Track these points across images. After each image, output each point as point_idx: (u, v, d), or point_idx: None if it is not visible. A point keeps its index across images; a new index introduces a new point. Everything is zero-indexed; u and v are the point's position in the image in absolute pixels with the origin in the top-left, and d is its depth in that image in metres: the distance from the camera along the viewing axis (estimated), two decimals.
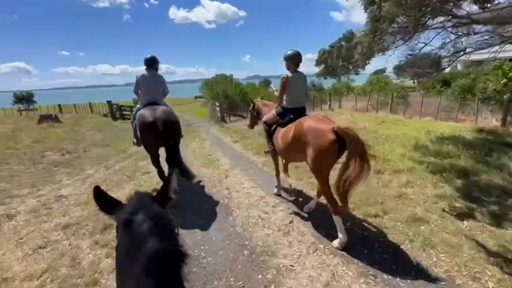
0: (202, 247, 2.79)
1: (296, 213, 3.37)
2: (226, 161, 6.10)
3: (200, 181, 4.75)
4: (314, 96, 14.47)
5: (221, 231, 3.08)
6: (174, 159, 3.80)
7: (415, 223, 2.90)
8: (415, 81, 13.76)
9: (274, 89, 3.88)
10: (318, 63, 36.92)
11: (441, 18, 5.47)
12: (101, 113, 16.54)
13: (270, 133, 3.42)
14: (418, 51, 6.27)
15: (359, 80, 32.73)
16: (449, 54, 5.94)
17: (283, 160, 3.88)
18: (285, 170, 3.94)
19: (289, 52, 3.18)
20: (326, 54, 34.47)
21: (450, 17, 5.25)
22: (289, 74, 3.17)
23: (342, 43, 33.87)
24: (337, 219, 2.56)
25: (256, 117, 4.25)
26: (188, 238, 2.95)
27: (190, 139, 8.37)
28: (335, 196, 2.51)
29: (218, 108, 11.59)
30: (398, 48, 6.32)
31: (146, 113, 3.52)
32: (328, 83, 41.82)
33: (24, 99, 29.59)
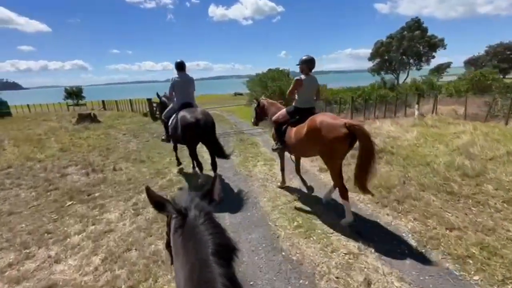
0: None
1: None
2: (334, 229, 3.12)
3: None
4: (386, 96, 11.26)
5: None
6: (216, 148, 4.28)
7: None
8: None
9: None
10: (372, 57, 32.50)
11: None
12: (141, 111, 15.33)
13: (280, 132, 3.65)
14: None
15: (418, 76, 27.87)
16: None
17: (292, 157, 3.97)
18: (297, 170, 4.07)
19: (304, 57, 3.45)
20: (384, 47, 29.94)
21: None
22: (303, 77, 3.44)
23: (405, 33, 29.09)
24: (345, 203, 3.00)
25: (261, 114, 4.40)
26: None
27: (251, 159, 6.02)
28: (356, 186, 2.85)
29: None
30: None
31: (188, 115, 4.01)
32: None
33: (74, 94, 30.60)
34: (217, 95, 37.48)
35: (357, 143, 2.75)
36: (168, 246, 1.07)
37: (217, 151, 4.29)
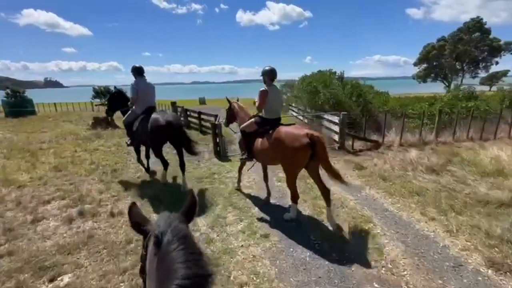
0: None
1: None
2: None
3: None
4: (473, 108, 8.33)
5: None
6: (188, 145, 4.47)
7: None
8: None
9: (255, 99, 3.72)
10: (420, 62, 28.87)
11: None
12: None
13: (248, 142, 3.68)
14: None
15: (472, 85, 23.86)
16: None
17: (261, 166, 4.05)
18: (265, 179, 4.05)
19: (266, 68, 3.52)
20: (437, 50, 26.26)
21: None
22: (268, 88, 3.49)
23: (461, 35, 25.29)
24: (293, 206, 3.37)
25: (231, 117, 4.36)
26: None
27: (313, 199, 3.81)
28: (322, 196, 3.20)
29: (336, 127, 6.92)
30: None
31: (160, 117, 4.17)
32: (430, 87, 33.25)
33: (102, 93, 30.43)
34: (246, 99, 35.75)
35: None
36: (142, 271, 0.95)
37: (189, 148, 4.47)
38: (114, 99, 5.14)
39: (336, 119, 6.97)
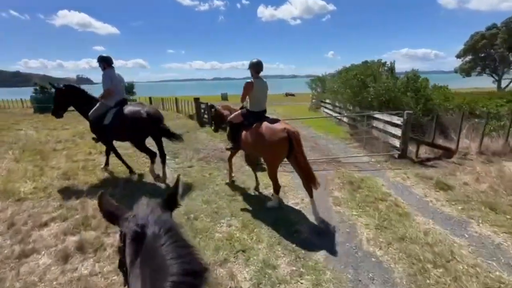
0: None
1: None
2: None
3: None
4: None
5: None
6: (170, 134, 4.37)
7: None
8: None
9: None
10: (465, 53, 25.80)
11: None
12: (186, 112, 12.97)
13: (234, 133, 3.75)
14: None
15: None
16: None
17: (243, 156, 4.60)
18: (253, 166, 4.26)
19: (253, 61, 3.54)
20: (487, 40, 23.17)
21: None
22: (253, 80, 3.52)
23: None
24: (275, 196, 3.48)
25: (219, 121, 4.33)
26: None
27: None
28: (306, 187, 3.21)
29: (395, 130, 5.50)
30: None
31: (141, 109, 4.10)
32: (475, 82, 29.95)
33: (126, 89, 30.71)
34: (267, 95, 34.42)
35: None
36: (121, 266, 0.85)
37: (172, 136, 4.37)
38: (63, 96, 4.45)
39: (396, 119, 5.59)
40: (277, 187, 3.42)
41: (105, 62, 4.28)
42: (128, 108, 4.15)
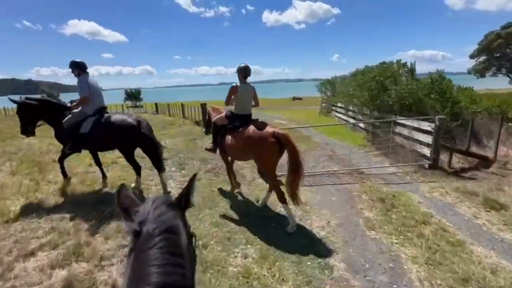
0: None
1: None
2: None
3: None
4: None
5: None
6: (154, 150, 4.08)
7: None
8: None
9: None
10: (479, 53, 24.90)
11: None
12: (193, 118, 12.59)
13: (217, 134, 3.81)
14: None
15: None
16: None
17: (227, 161, 4.06)
18: (230, 172, 4.11)
19: (241, 65, 3.58)
20: (503, 39, 22.27)
21: None
22: (238, 84, 3.59)
23: None
24: (285, 208, 3.10)
25: (208, 122, 4.38)
26: None
27: None
28: (288, 197, 3.05)
29: (425, 137, 4.89)
30: None
31: (128, 118, 3.91)
32: (488, 83, 28.93)
33: (133, 96, 30.72)
34: (274, 99, 34.00)
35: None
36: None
37: (155, 153, 4.08)
38: (36, 111, 4.05)
39: (426, 125, 5.01)
40: (281, 195, 3.10)
41: (80, 68, 4.01)
42: (115, 116, 3.98)
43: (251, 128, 3.24)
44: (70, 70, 4.06)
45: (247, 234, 3.01)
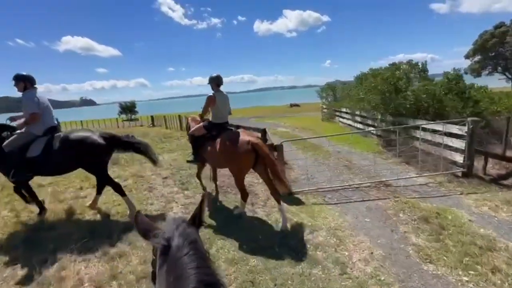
0: None
1: None
2: None
3: None
4: None
5: None
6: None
7: None
8: None
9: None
10: (474, 53, 25.01)
11: None
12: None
13: (196, 145, 3.86)
14: None
15: None
16: None
17: (211, 169, 4.41)
18: (214, 178, 4.43)
19: (213, 75, 3.71)
20: (497, 38, 22.38)
21: None
22: (215, 94, 3.64)
23: None
24: (242, 202, 3.53)
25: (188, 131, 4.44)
26: None
27: None
28: (273, 195, 3.27)
29: (457, 143, 4.47)
30: None
31: (94, 136, 3.60)
32: (484, 82, 28.94)
33: (128, 109, 30.13)
34: (271, 106, 33.66)
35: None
36: (153, 278, 0.89)
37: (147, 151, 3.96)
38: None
39: (455, 129, 4.52)
40: (244, 195, 3.48)
41: (27, 81, 3.50)
42: (75, 134, 3.57)
43: (228, 136, 3.36)
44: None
45: (274, 273, 2.42)
